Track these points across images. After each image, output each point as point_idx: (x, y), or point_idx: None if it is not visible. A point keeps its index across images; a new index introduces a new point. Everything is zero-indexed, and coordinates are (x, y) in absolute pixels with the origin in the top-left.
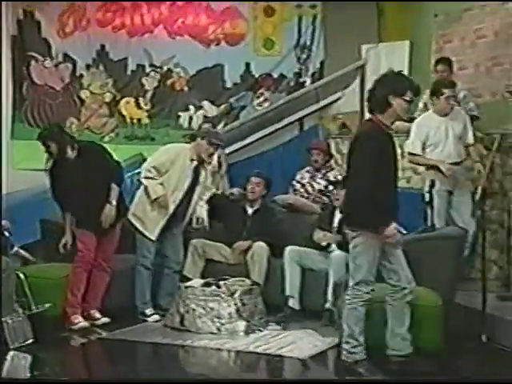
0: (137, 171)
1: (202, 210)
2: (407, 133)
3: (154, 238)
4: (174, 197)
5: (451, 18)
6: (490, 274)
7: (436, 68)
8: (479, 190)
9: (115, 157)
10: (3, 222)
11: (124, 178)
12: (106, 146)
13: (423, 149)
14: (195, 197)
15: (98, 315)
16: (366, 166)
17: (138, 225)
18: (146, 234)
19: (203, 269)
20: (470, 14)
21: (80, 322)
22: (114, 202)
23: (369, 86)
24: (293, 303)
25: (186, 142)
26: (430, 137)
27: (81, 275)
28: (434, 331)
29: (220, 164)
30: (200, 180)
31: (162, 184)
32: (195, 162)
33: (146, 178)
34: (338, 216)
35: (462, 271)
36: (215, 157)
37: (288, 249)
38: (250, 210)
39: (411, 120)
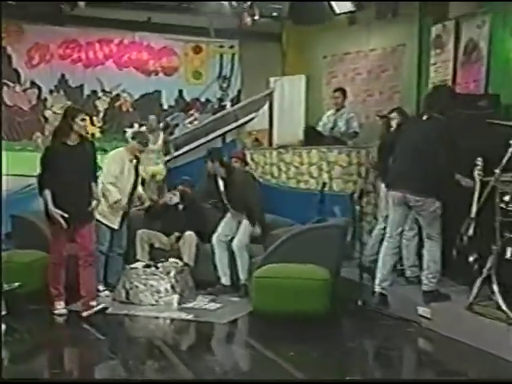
0: None
1: (140, 190)
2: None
3: (116, 227)
4: (126, 192)
5: (336, 59)
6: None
7: (334, 95)
8: (358, 190)
9: None
10: None
11: None
12: None
13: None
14: (138, 187)
15: (94, 303)
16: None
17: (100, 218)
18: (110, 225)
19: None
20: (349, 56)
21: (61, 308)
22: (101, 198)
23: (276, 108)
24: (225, 280)
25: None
26: None
27: (56, 270)
28: (324, 299)
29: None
30: (139, 173)
31: (118, 188)
32: (134, 161)
33: (110, 183)
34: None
35: (346, 252)
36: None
37: (215, 236)
38: (180, 207)
39: None
